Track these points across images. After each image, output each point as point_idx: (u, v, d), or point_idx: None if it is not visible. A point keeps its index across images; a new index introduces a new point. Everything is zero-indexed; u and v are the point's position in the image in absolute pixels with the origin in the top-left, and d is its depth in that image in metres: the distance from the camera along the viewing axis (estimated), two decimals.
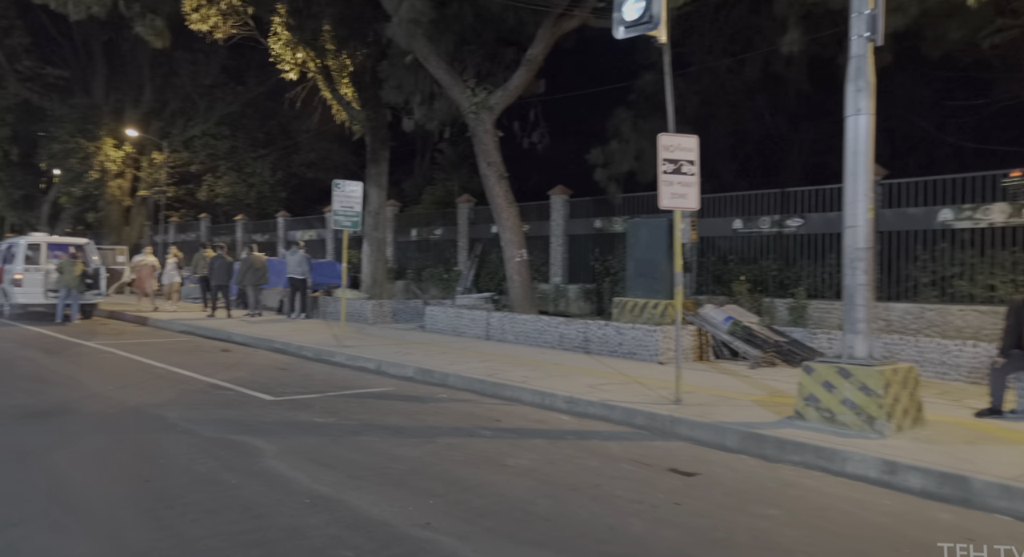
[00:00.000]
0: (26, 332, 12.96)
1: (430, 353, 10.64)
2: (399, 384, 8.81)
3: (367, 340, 12.13)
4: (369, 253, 16.36)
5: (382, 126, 16.57)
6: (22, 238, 15.39)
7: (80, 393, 7.40)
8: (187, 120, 28.26)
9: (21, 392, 7.45)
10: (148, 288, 16.97)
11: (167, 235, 27.66)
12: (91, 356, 10.15)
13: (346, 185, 11.35)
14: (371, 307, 14.96)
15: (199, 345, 11.97)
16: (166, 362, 9.66)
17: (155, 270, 17.25)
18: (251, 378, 8.68)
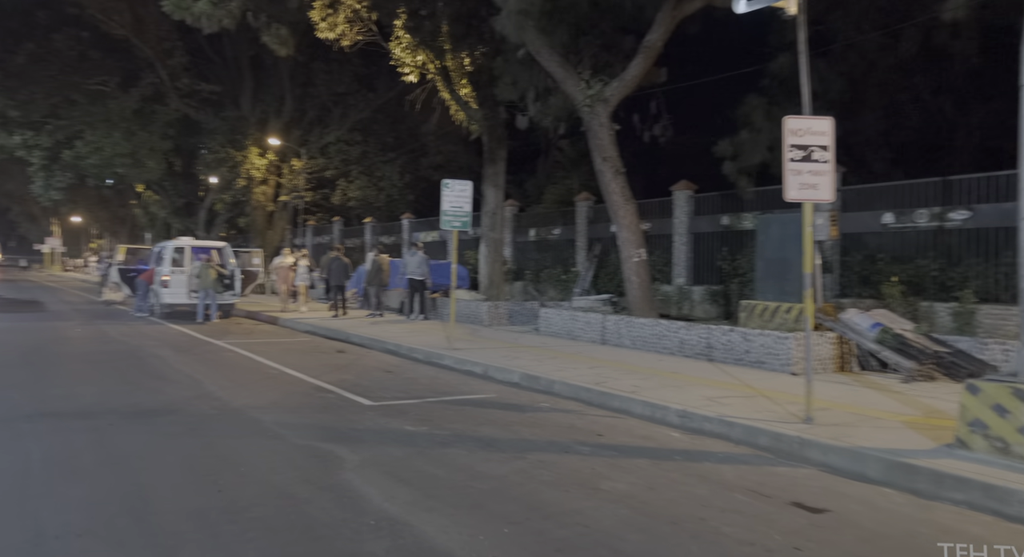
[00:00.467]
0: (167, 330, 13.79)
1: (539, 358, 10.19)
2: (503, 390, 8.41)
3: (478, 343, 11.87)
4: (486, 254, 16.17)
5: (498, 125, 16.34)
6: (170, 242, 16.53)
7: (191, 393, 7.57)
8: (323, 128, 29.59)
9: (140, 390, 7.72)
10: (285, 289, 17.54)
11: (304, 238, 29.07)
12: (215, 355, 10.54)
13: (455, 185, 11.13)
14: (486, 309, 14.74)
15: (317, 346, 12.19)
16: (281, 362, 9.82)
17: (292, 272, 17.82)
18: (355, 381, 8.59)
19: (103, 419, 6.27)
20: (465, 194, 11.12)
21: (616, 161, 12.60)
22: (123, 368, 9.11)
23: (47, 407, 6.71)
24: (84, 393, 7.46)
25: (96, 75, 26.40)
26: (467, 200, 11.14)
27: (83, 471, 4.87)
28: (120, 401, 7.09)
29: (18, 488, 4.50)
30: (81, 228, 61.48)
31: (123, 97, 26.33)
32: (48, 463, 5.02)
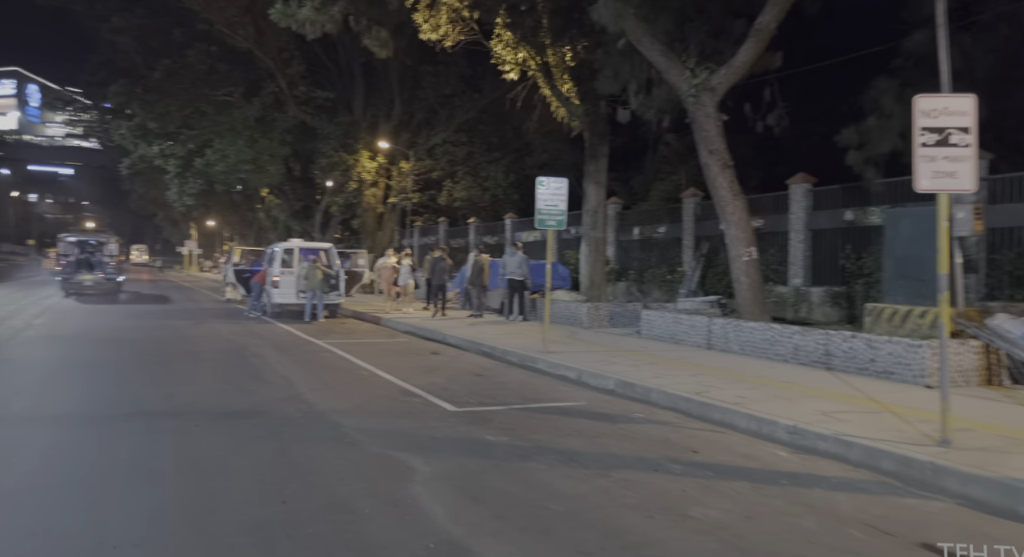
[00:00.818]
0: (274, 330, 14.24)
1: (638, 363, 9.63)
2: (595, 398, 7.95)
3: (575, 346, 11.44)
4: (587, 254, 15.69)
5: (599, 120, 15.81)
6: (281, 244, 17.14)
7: (281, 394, 7.60)
8: (430, 129, 30.04)
9: (235, 391, 7.84)
10: (389, 289, 17.72)
11: (412, 238, 29.59)
12: (313, 355, 10.68)
13: (550, 182, 10.75)
14: (586, 310, 14.26)
15: (413, 347, 12.16)
16: (374, 364, 9.79)
17: (395, 272, 17.85)
18: (444, 385, 8.39)
19: (192, 420, 6.35)
20: (560, 192, 10.72)
21: (724, 154, 11.80)
22: (225, 368, 9.35)
23: (146, 406, 6.89)
24: (183, 393, 7.65)
25: (223, 86, 27.98)
26: (562, 198, 10.74)
27: (158, 475, 4.86)
28: (213, 402, 7.20)
29: (94, 492, 4.52)
30: (215, 231, 65.93)
31: (246, 106, 27.75)
32: (128, 465, 5.06)
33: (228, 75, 28.23)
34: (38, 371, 9.06)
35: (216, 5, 25.78)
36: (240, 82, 28.57)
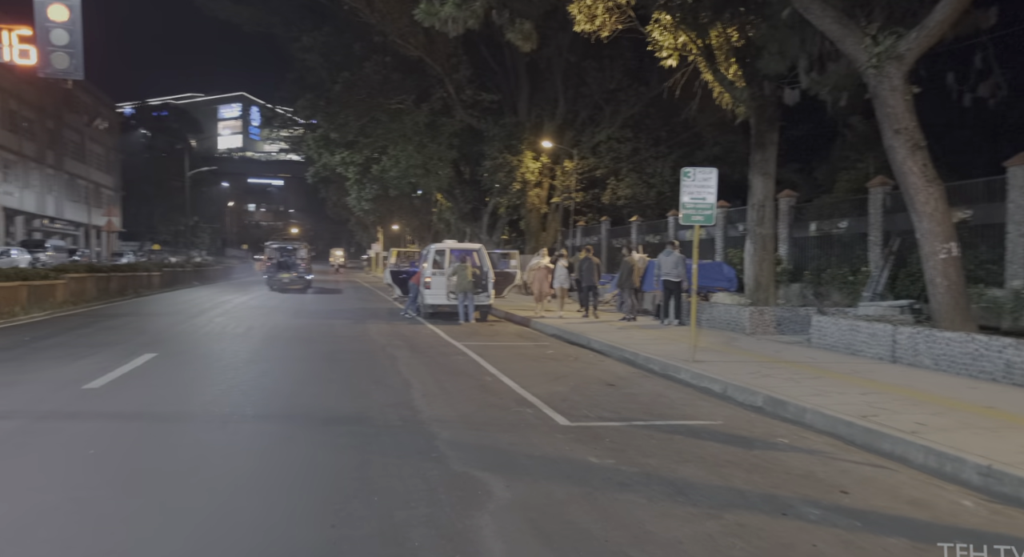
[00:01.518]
0: (420, 331, 14.28)
1: (797, 376, 8.33)
2: (736, 416, 6.88)
3: (728, 355, 10.24)
4: (752, 252, 14.21)
5: (767, 104, 14.25)
6: (434, 245, 17.26)
7: (392, 399, 7.32)
8: (595, 127, 29.36)
9: (349, 393, 7.69)
10: (540, 291, 16.85)
11: (575, 239, 29.04)
12: (445, 358, 10.42)
13: (697, 173, 9.68)
14: (748, 315, 12.86)
15: (553, 351, 11.57)
16: (503, 369, 9.32)
17: (548, 274, 16.87)
18: (566, 394, 7.71)
19: (293, 425, 6.19)
20: (709, 183, 9.62)
21: (914, 133, 10.01)
22: (353, 369, 9.31)
23: (258, 410, 6.83)
24: (301, 393, 7.62)
25: (396, 95, 29.20)
26: (711, 190, 9.63)
27: (228, 487, 4.61)
28: (324, 405, 7.05)
29: (160, 501, 4.38)
30: (399, 235, 69.86)
31: (415, 112, 28.72)
32: (206, 475, 4.89)
33: (401, 84, 29.39)
34: (179, 367, 9.56)
35: (389, 17, 26.89)
36: (411, 90, 29.65)
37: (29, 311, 15.86)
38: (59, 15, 11.19)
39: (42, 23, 11.09)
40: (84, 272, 20.52)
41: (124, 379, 8.08)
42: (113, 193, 61.42)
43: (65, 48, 11.23)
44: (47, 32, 11.14)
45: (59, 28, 11.16)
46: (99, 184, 57.83)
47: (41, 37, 11.12)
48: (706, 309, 14.33)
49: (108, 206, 26.44)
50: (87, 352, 10.10)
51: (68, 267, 20.25)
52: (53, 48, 11.17)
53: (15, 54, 11.22)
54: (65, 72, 11.28)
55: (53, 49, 11.17)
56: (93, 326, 13.94)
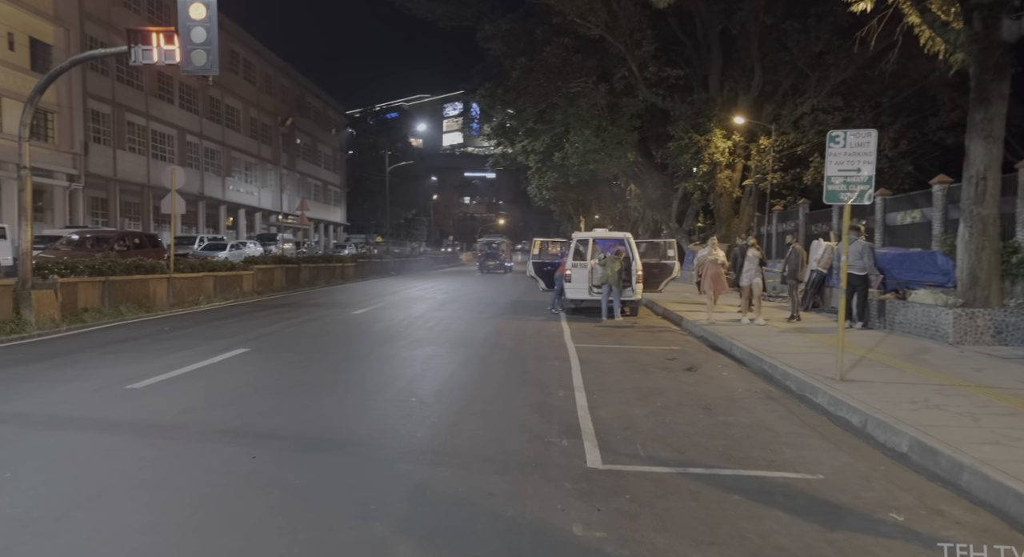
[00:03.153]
0: (545, 328, 12.99)
1: (980, 412, 5.91)
2: (855, 468, 4.86)
3: (901, 372, 7.77)
4: (968, 238, 11.04)
5: (993, 46, 10.94)
6: (577, 233, 15.75)
7: (417, 419, 6.20)
8: (797, 97, 25.85)
9: (387, 407, 6.70)
10: (713, 289, 13.32)
11: (770, 225, 25.82)
12: (536, 362, 9.08)
13: (851, 137, 7.37)
14: (952, 318, 9.94)
15: (678, 359, 9.74)
16: (589, 382, 7.80)
17: (721, 268, 13.52)
18: (639, 420, 6.09)
19: (275, 445, 5.35)
20: (865, 150, 7.27)
21: None
22: (430, 375, 8.37)
23: (252, 426, 6.17)
24: (324, 405, 6.75)
25: (576, 77, 28.00)
26: (868, 159, 7.27)
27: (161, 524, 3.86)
28: (344, 421, 6.10)
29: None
30: (601, 224, 68.67)
31: (592, 93, 27.31)
32: (139, 503, 4.18)
33: (581, 65, 28.12)
34: (257, 362, 9.24)
35: None
36: (592, 71, 28.27)
37: (213, 300, 17.10)
38: (198, 13, 11.54)
39: (184, 22, 11.50)
40: (272, 264, 22.00)
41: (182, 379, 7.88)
42: (339, 190, 67.31)
43: (203, 45, 11.57)
44: (188, 31, 11.54)
45: (198, 26, 11.52)
46: (327, 182, 63.61)
47: (183, 35, 11.53)
48: (900, 310, 11.46)
49: (301, 200, 28.32)
50: (190, 344, 10.27)
51: (257, 259, 21.87)
52: (193, 46, 11.55)
53: (163, 55, 11.75)
54: (203, 69, 11.61)
55: (193, 47, 11.55)
56: (244, 317, 14.54)
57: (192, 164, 39.34)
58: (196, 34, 11.40)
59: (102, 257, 14.20)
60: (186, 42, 11.36)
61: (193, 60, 11.51)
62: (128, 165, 32.44)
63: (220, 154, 42.68)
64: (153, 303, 14.49)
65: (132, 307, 13.57)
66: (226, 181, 43.13)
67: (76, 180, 28.02)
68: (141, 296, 14.14)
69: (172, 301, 15.26)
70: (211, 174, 41.42)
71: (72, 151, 27.78)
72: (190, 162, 39.13)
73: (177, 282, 15.60)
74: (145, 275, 14.34)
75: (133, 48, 11.26)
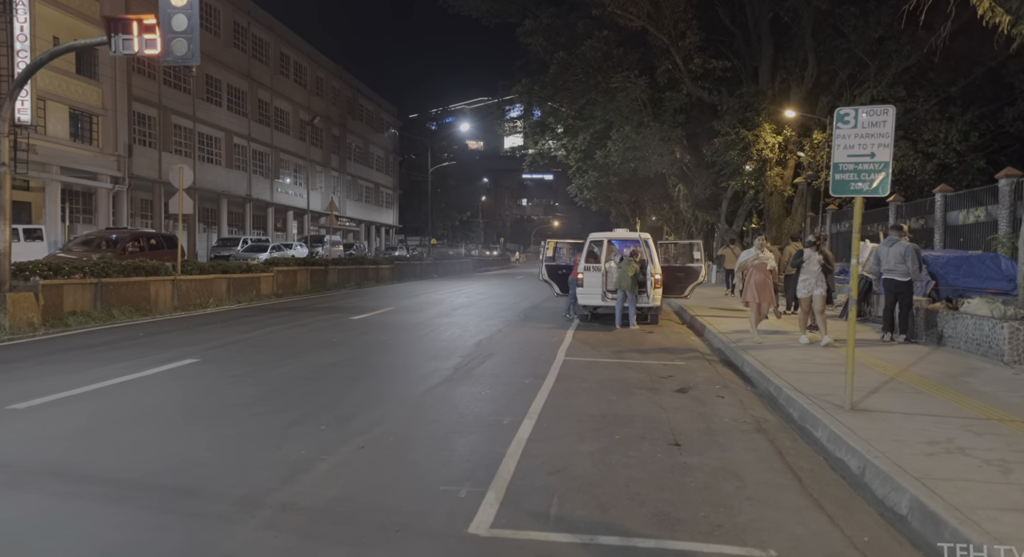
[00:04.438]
0: (547, 337, 11.89)
1: (1016, 457, 4.63)
2: (837, 537, 3.72)
3: (930, 399, 6.43)
4: None
5: None
6: (593, 234, 14.53)
7: (288, 463, 5.32)
8: (855, 88, 23.92)
9: (228, 453, 5.82)
10: (758, 300, 10.97)
11: (824, 226, 23.96)
12: (506, 384, 8.10)
13: (863, 115, 6.12)
14: (1008, 334, 8.43)
15: (676, 377, 8.57)
16: (550, 406, 6.71)
17: (770, 275, 11.17)
18: (575, 462, 5.02)
19: (85, 496, 4.53)
20: (881, 131, 6.01)
21: None
22: (350, 394, 7.52)
23: (93, 466, 5.35)
24: (201, 438, 5.91)
25: (617, 72, 26.74)
26: (884, 142, 6.01)
27: None
28: (169, 470, 5.30)
29: None
30: (658, 225, 66.70)
31: (632, 88, 26.02)
32: None
33: (622, 60, 26.86)
34: (191, 377, 8.49)
35: None
36: (633, 65, 26.96)
37: (224, 303, 16.69)
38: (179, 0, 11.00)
39: (165, 9, 10.96)
40: (295, 266, 21.59)
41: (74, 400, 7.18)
42: (391, 192, 67.54)
43: (184, 34, 10.98)
44: (169, 18, 10.99)
45: (179, 13, 10.95)
46: (379, 184, 63.86)
47: (164, 23, 10.98)
48: (949, 321, 9.94)
49: (330, 201, 27.96)
50: (143, 353, 9.66)
51: (278, 260, 21.48)
52: (173, 34, 10.98)
53: (143, 45, 11.24)
54: (183, 58, 11.03)
55: (173, 35, 10.98)
56: (236, 321, 14.00)
57: (240, 166, 39.75)
58: (177, 22, 10.82)
59: (99, 258, 13.87)
60: (167, 30, 10.81)
61: (174, 49, 10.93)
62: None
63: (269, 156, 43.06)
64: (154, 306, 14.10)
65: (128, 310, 13.17)
66: (274, 183, 43.49)
67: (120, 182, 28.43)
68: (140, 299, 13.75)
69: (176, 304, 14.87)
70: (259, 176, 41.81)
71: (116, 154, 28.20)
72: (237, 164, 39.54)
73: (183, 284, 15.21)
74: (146, 277, 13.95)
75: (113, 38, 10.78)
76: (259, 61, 41.39)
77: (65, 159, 25.74)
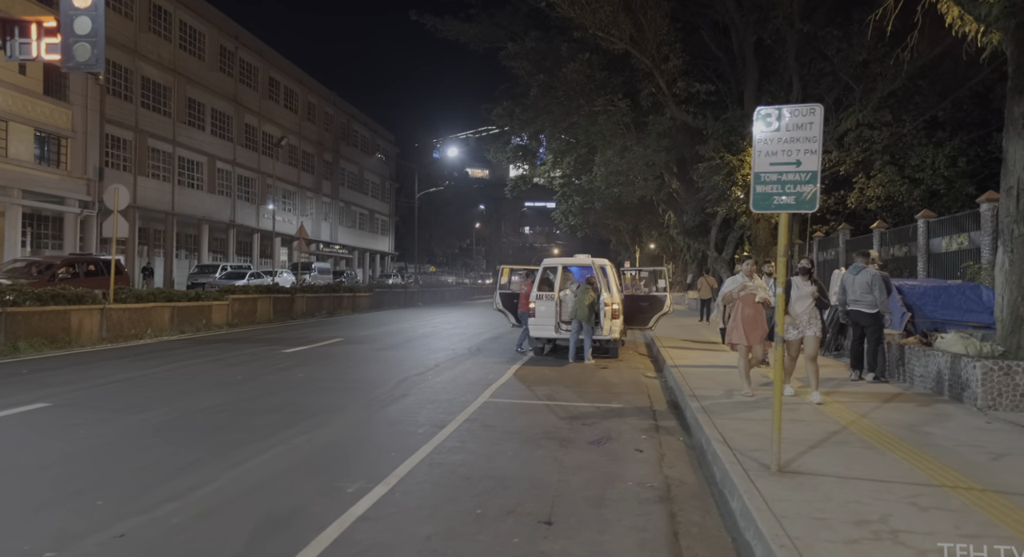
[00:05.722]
0: (482, 374, 10.92)
1: (965, 543, 3.59)
2: None
3: (875, 458, 5.40)
4: (1008, 266, 8.48)
5: None
6: (547, 260, 13.50)
7: None
8: (841, 112, 23.14)
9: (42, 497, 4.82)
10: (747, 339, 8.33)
11: (811, 253, 22.99)
12: (378, 436, 7.10)
13: (785, 114, 5.22)
14: (981, 374, 7.40)
15: (611, 422, 7.57)
16: (420, 480, 5.76)
17: (760, 309, 8.51)
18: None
19: None
20: (806, 135, 5.10)
21: None
22: (172, 458, 6.53)
23: None
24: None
25: (600, 95, 26.08)
26: (811, 147, 5.09)
27: None
28: None
29: None
30: (657, 254, 65.72)
31: (613, 112, 25.31)
32: None
33: (605, 82, 26.21)
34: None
35: (588, 8, 24.00)
36: (617, 88, 26.29)
37: (165, 334, 15.74)
38: (82, 1, 10.21)
39: (67, 11, 10.15)
40: (255, 294, 20.69)
41: None
42: (387, 219, 66.97)
43: (87, 37, 10.11)
44: (71, 21, 10.17)
45: (83, 15, 10.13)
46: (374, 211, 63.29)
47: (65, 26, 10.17)
48: (921, 359, 8.91)
49: (300, 226, 27.21)
50: None
51: (235, 288, 20.54)
52: (76, 38, 10.14)
53: (43, 49, 10.41)
54: (86, 64, 10.16)
55: (76, 39, 10.13)
56: (154, 356, 13.04)
57: (224, 191, 39.15)
58: (80, 24, 9.96)
59: (9, 285, 12.99)
60: (68, 34, 9.98)
61: (76, 54, 10.07)
62: (150, 192, 32.23)
63: (255, 181, 42.50)
64: (75, 338, 13.15)
65: (39, 343, 12.21)
66: (261, 209, 42.86)
67: (89, 207, 27.74)
68: (57, 330, 12.81)
69: (105, 335, 13.93)
70: (244, 202, 41.20)
71: (86, 177, 27.56)
72: (221, 189, 38.95)
73: (114, 314, 14.29)
74: (67, 306, 13.05)
75: (9, 41, 9.98)
76: (247, 85, 41.03)
77: (29, 182, 25.08)
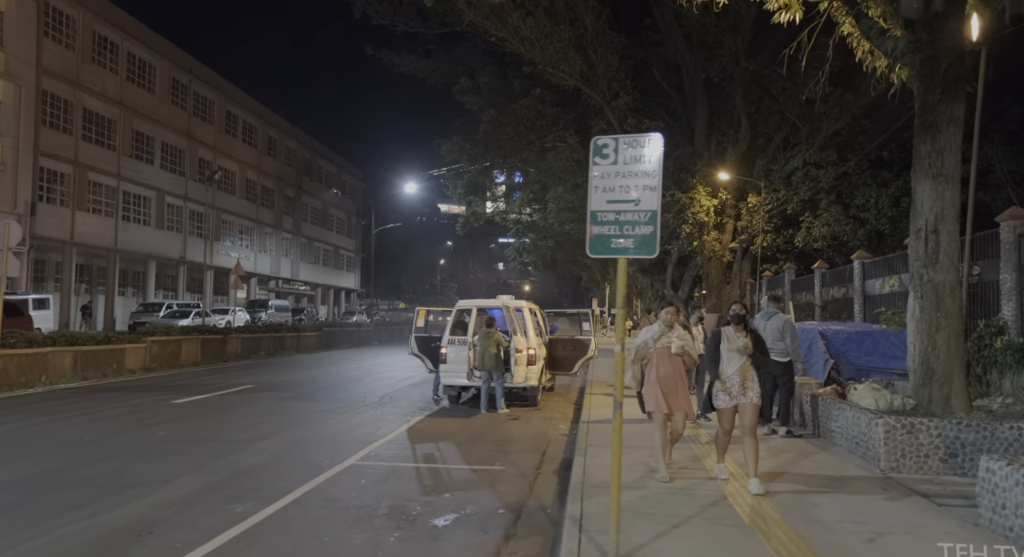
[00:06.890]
0: (376, 426, 10.16)
1: None
2: None
3: (740, 542, 4.69)
4: (918, 314, 7.93)
5: (943, 53, 8.10)
6: (461, 302, 12.79)
7: None
8: (788, 151, 23.02)
9: None
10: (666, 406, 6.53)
11: (761, 293, 22.55)
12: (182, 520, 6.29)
13: (623, 146, 4.63)
14: (883, 433, 6.75)
15: (480, 492, 6.81)
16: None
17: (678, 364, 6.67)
18: None
19: None
20: (644, 169, 4.50)
21: None
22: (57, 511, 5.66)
23: None
24: None
25: (551, 131, 25.79)
26: (649, 182, 4.49)
27: None
28: None
29: None
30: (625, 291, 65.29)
31: (562, 148, 24.99)
32: None
33: (557, 119, 25.94)
34: None
35: (537, 45, 23.79)
36: (570, 125, 26.04)
37: (63, 381, 14.72)
38: None
39: None
40: (179, 335, 19.70)
41: None
42: (353, 255, 66.04)
43: None
44: None
45: None
46: (339, 247, 62.37)
47: None
48: (832, 412, 8.28)
49: (236, 265, 26.35)
50: None
51: (155, 330, 19.46)
52: None
53: None
54: None
55: None
56: (22, 409, 12.06)
57: (174, 227, 38.19)
58: None
59: None
60: None
61: None
62: (90, 227, 31.18)
63: (209, 217, 41.54)
64: None
65: None
66: (214, 245, 41.85)
67: (20, 243, 26.65)
68: None
69: None
70: (196, 238, 40.18)
71: (15, 212, 26.54)
72: (171, 225, 37.99)
73: (1, 360, 13.33)
74: None
75: None
76: (201, 119, 40.37)
77: None
